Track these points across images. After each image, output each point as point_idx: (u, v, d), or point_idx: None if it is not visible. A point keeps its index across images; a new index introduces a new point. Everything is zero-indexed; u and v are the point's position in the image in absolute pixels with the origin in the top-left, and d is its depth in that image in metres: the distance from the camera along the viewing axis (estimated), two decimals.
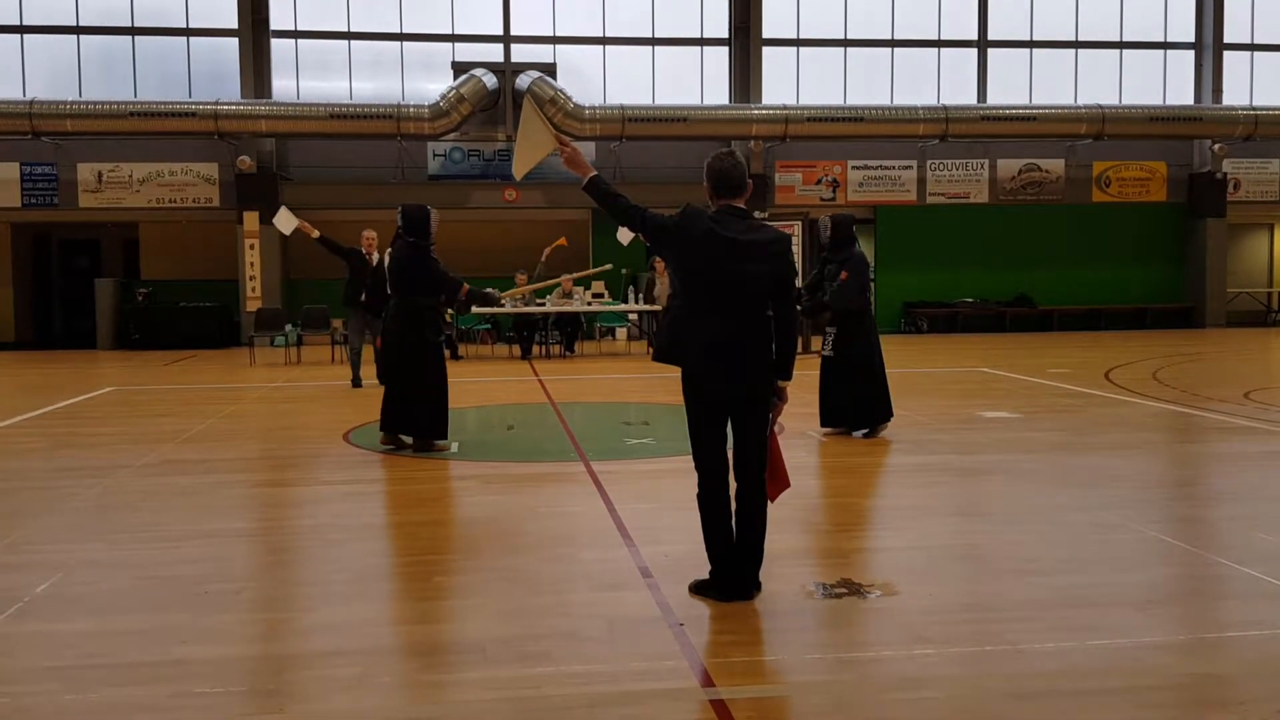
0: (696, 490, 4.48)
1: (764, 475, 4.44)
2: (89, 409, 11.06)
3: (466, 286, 8.17)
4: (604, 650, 3.83)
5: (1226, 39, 22.46)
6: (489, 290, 9.11)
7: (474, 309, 8.11)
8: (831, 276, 8.58)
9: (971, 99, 21.98)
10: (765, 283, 4.34)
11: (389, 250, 8.07)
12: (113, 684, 3.56)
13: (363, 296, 12.12)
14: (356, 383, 12.35)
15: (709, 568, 4.45)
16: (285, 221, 12.16)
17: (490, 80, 19.87)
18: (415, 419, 7.89)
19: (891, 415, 8.62)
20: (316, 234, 12.10)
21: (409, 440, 8.02)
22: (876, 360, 8.56)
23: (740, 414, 4.41)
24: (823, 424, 8.58)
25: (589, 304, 17.37)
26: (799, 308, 8.84)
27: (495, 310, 16.32)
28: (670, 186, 21.31)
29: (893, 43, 22.05)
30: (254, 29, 20.23)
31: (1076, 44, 22.46)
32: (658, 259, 16.81)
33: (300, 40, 20.82)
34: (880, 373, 8.56)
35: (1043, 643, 3.85)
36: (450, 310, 8.18)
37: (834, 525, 5.89)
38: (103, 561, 5.10)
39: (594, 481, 6.87)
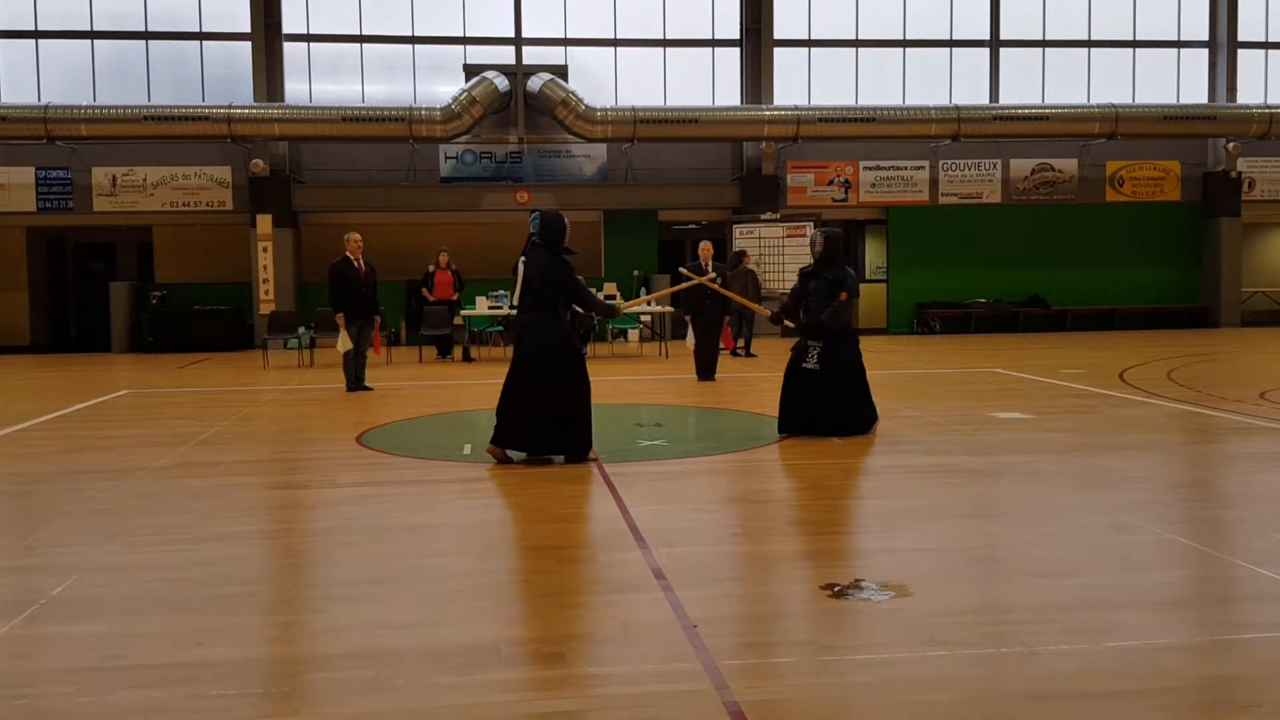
0: None
1: None
2: (104, 412, 11.11)
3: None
4: (617, 652, 3.83)
5: (1240, 37, 22.35)
6: (611, 302, 8.85)
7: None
8: (817, 292, 8.55)
9: (984, 99, 21.92)
10: None
11: (521, 259, 7.72)
12: (128, 686, 3.57)
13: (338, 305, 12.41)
14: (356, 387, 12.39)
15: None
16: (342, 343, 12.42)
17: (502, 82, 19.91)
18: (563, 435, 7.54)
19: (877, 417, 8.75)
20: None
21: (519, 456, 7.64)
22: (862, 369, 8.69)
23: None
24: (807, 433, 8.56)
25: None
26: (791, 324, 8.82)
27: (506, 313, 16.52)
28: (682, 188, 21.35)
29: (904, 43, 22.00)
30: (267, 33, 20.31)
31: (1089, 43, 22.38)
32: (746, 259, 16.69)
33: (313, 44, 20.89)
34: (864, 379, 8.72)
35: (1058, 645, 3.83)
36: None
37: (847, 526, 5.87)
38: (118, 564, 5.12)
39: (607, 483, 6.87)
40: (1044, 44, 22.32)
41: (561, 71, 20.55)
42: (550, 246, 7.60)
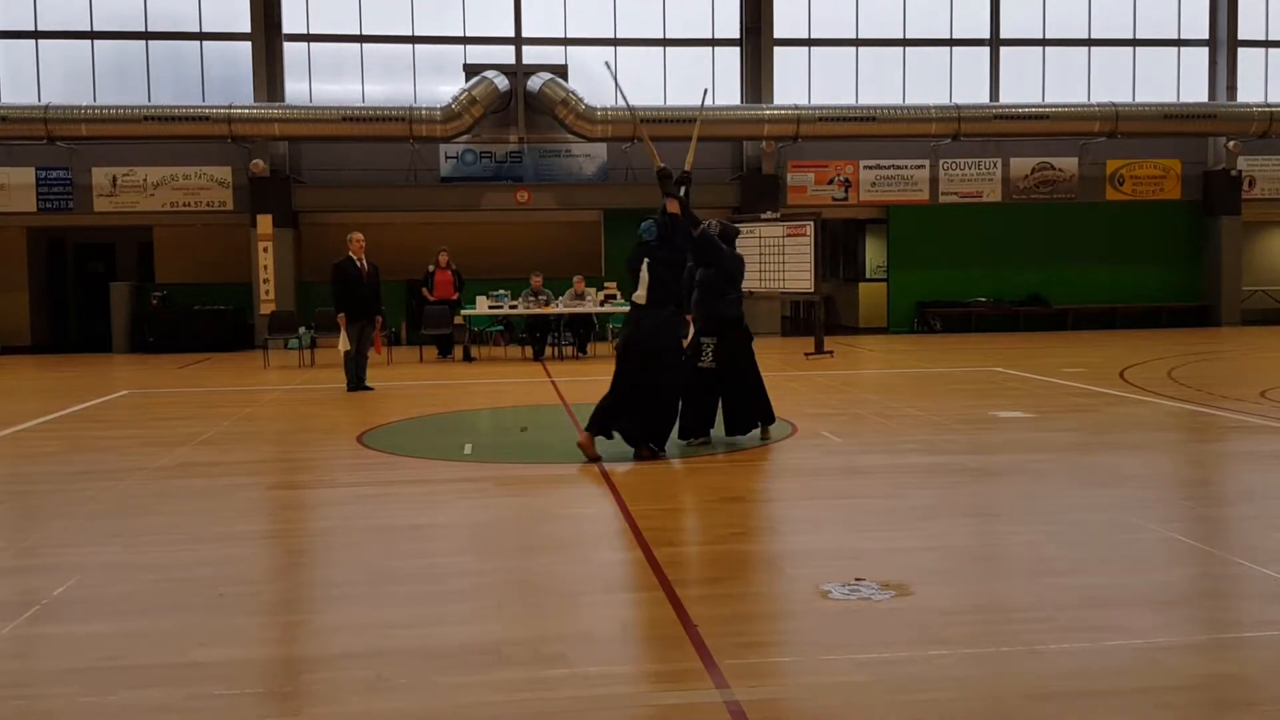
0: None
1: None
2: (105, 412, 11.11)
3: None
4: (618, 651, 3.83)
5: (1241, 35, 22.32)
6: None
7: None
8: (705, 280, 8.41)
9: (984, 98, 21.91)
10: None
11: (646, 261, 7.88)
12: (130, 685, 3.58)
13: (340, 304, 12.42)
14: (357, 387, 12.38)
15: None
16: (342, 343, 12.45)
17: (502, 82, 19.90)
18: (660, 427, 7.75)
19: (774, 419, 8.61)
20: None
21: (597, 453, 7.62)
22: (755, 364, 8.55)
23: None
24: (697, 435, 8.32)
25: (601, 304, 17.38)
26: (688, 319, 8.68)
27: (506, 313, 16.73)
28: None
29: (904, 42, 21.99)
30: (267, 33, 20.29)
31: (1089, 41, 22.36)
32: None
33: (313, 44, 20.87)
34: (759, 376, 8.58)
35: (1059, 643, 3.84)
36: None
37: (848, 525, 5.87)
38: (120, 564, 5.13)
39: (607, 483, 6.87)
40: (1044, 43, 22.30)
41: (561, 71, 20.53)
42: (671, 248, 7.89)
